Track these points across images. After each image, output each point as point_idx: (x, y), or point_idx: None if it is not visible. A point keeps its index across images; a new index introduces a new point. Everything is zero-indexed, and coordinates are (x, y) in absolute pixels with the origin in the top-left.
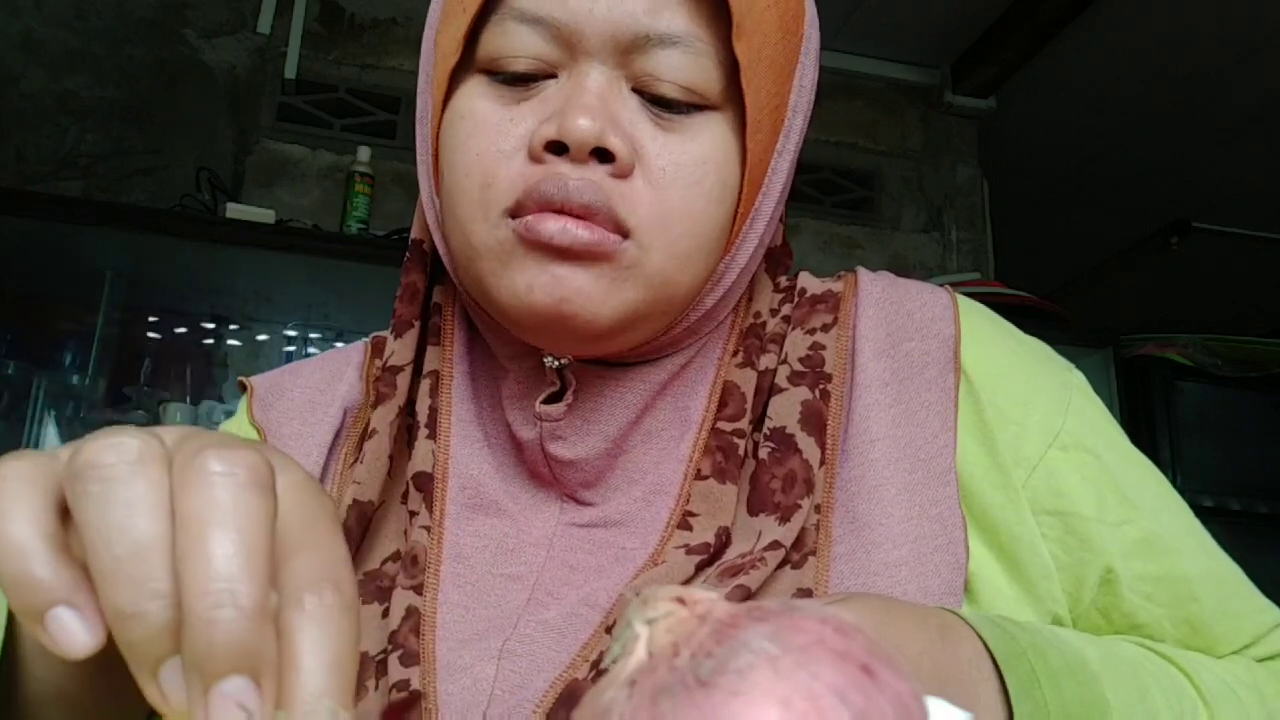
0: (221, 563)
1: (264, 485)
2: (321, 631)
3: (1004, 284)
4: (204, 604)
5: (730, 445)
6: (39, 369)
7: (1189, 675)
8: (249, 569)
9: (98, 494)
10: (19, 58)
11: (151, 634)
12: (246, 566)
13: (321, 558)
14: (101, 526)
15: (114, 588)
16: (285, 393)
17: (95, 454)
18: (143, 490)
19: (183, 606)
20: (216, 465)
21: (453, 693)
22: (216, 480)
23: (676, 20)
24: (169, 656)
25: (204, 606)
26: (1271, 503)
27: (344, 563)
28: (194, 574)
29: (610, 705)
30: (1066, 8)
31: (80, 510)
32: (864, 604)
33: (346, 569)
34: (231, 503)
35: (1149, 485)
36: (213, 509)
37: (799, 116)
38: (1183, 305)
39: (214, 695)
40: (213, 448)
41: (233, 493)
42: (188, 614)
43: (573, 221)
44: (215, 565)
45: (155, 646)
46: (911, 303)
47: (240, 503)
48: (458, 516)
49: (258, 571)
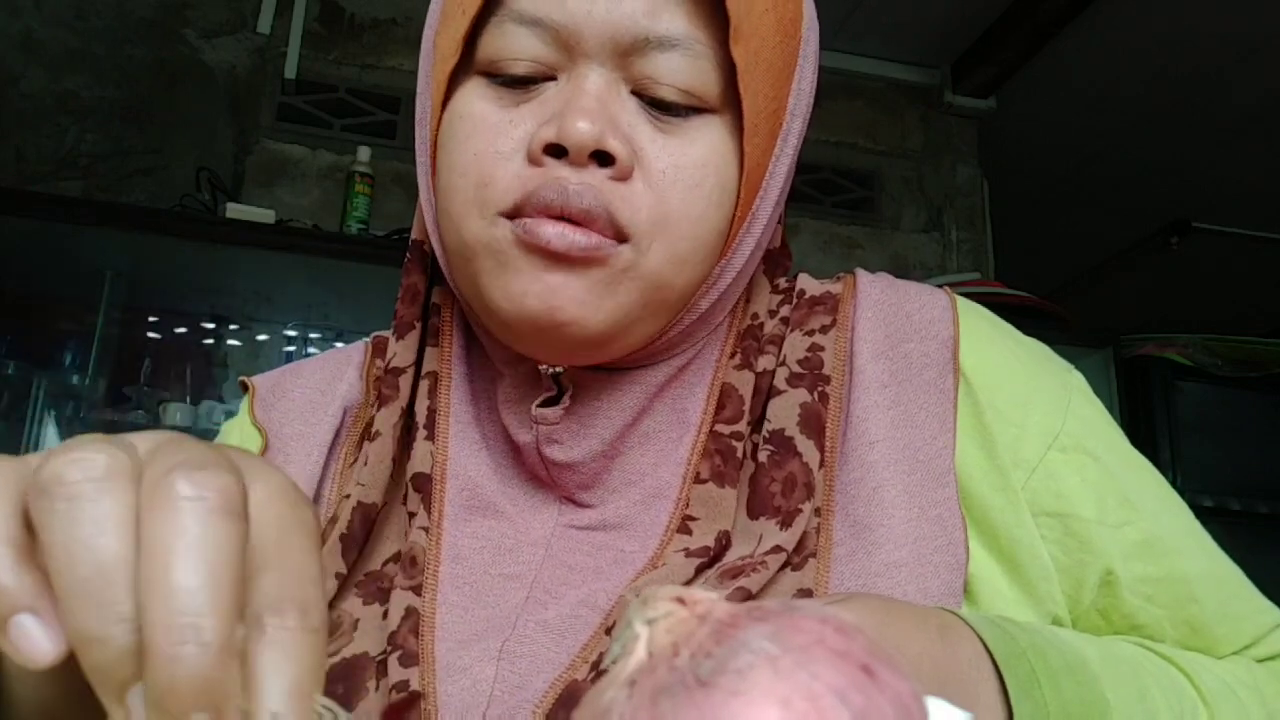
0: (186, 596)
1: (234, 511)
2: (282, 656)
3: (1004, 284)
4: (167, 639)
5: (729, 448)
6: (39, 369)
7: (1189, 675)
8: (214, 603)
9: (63, 512)
10: (19, 58)
11: (115, 658)
12: (212, 600)
13: (288, 577)
14: (66, 545)
15: (78, 609)
16: (287, 393)
17: (61, 469)
18: (109, 509)
19: (145, 638)
20: (186, 489)
21: (452, 693)
22: (184, 506)
23: (675, 23)
24: (134, 681)
25: (167, 642)
26: (1271, 503)
27: (313, 582)
28: (157, 606)
29: (610, 705)
30: (1066, 8)
31: (44, 528)
32: (864, 604)
33: (315, 588)
34: (199, 531)
35: (1149, 487)
36: (179, 537)
37: (797, 120)
38: (1183, 305)
39: None
40: (183, 469)
41: (200, 520)
42: (150, 647)
43: (570, 227)
44: (180, 598)
45: (119, 671)
46: (910, 304)
47: (208, 531)
48: (456, 518)
49: (223, 605)
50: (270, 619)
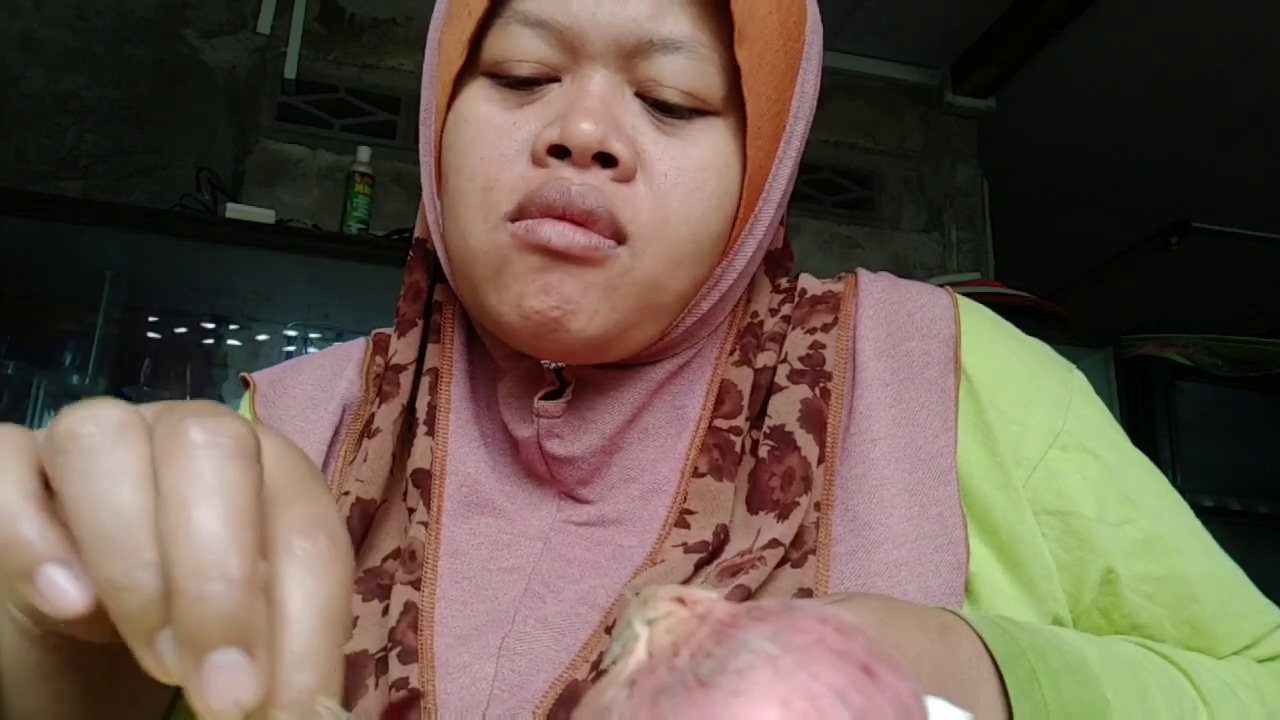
0: (208, 537)
1: (248, 453)
2: (313, 577)
3: (1004, 284)
4: (193, 579)
5: (727, 443)
6: (39, 369)
7: (1189, 675)
8: (236, 541)
9: (79, 465)
10: (19, 58)
11: (144, 604)
12: (234, 538)
13: (313, 509)
14: (85, 499)
15: (102, 560)
16: (287, 390)
17: (74, 425)
18: (125, 460)
19: (171, 581)
20: (199, 435)
21: (452, 691)
22: (199, 451)
23: (680, 25)
24: (163, 626)
25: (193, 581)
26: (1271, 503)
27: (335, 515)
28: (181, 548)
29: (610, 705)
30: (1066, 8)
31: (63, 483)
32: (864, 604)
33: (338, 521)
34: (215, 473)
35: (1149, 486)
36: (197, 480)
37: (800, 123)
38: (1183, 305)
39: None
40: (195, 416)
41: (216, 463)
42: (177, 589)
43: (571, 226)
44: (202, 539)
45: (149, 616)
46: (912, 303)
47: (225, 473)
48: (455, 514)
49: (245, 542)
50: (300, 541)
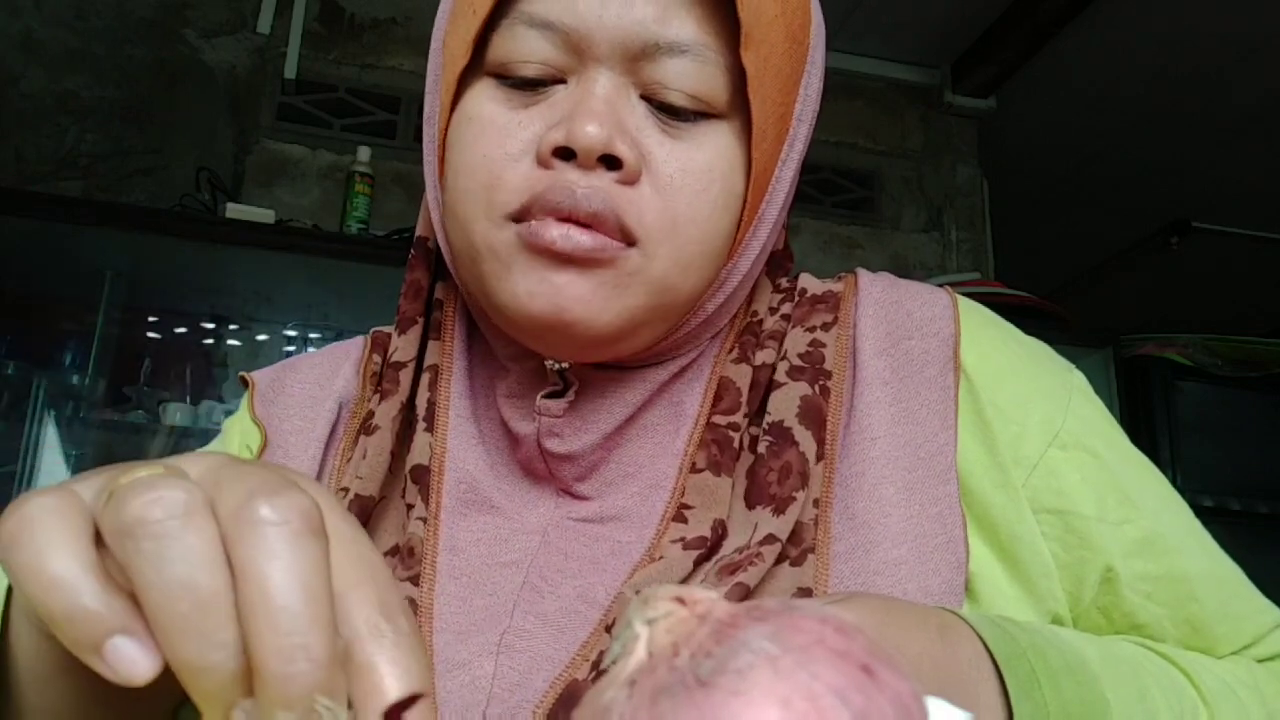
0: (290, 618)
1: (317, 530)
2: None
3: (1004, 284)
4: (278, 660)
5: (725, 438)
6: (39, 369)
7: (1189, 675)
8: (316, 620)
9: (151, 551)
10: (19, 58)
11: (222, 683)
12: (314, 618)
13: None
14: (161, 585)
15: (180, 643)
16: (285, 388)
17: (142, 510)
18: (196, 544)
19: (255, 661)
20: (270, 514)
21: (451, 690)
22: (271, 531)
23: (686, 28)
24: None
25: (279, 663)
26: (1271, 503)
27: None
28: (263, 630)
29: (610, 705)
30: (1066, 8)
31: (135, 570)
32: (864, 604)
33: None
34: (290, 553)
35: (1149, 485)
36: (272, 560)
37: (804, 126)
38: (1183, 305)
39: None
40: (261, 494)
41: (289, 542)
42: (262, 670)
43: (575, 228)
44: (284, 620)
45: (226, 694)
46: (911, 302)
47: (298, 552)
48: (453, 510)
49: (324, 620)
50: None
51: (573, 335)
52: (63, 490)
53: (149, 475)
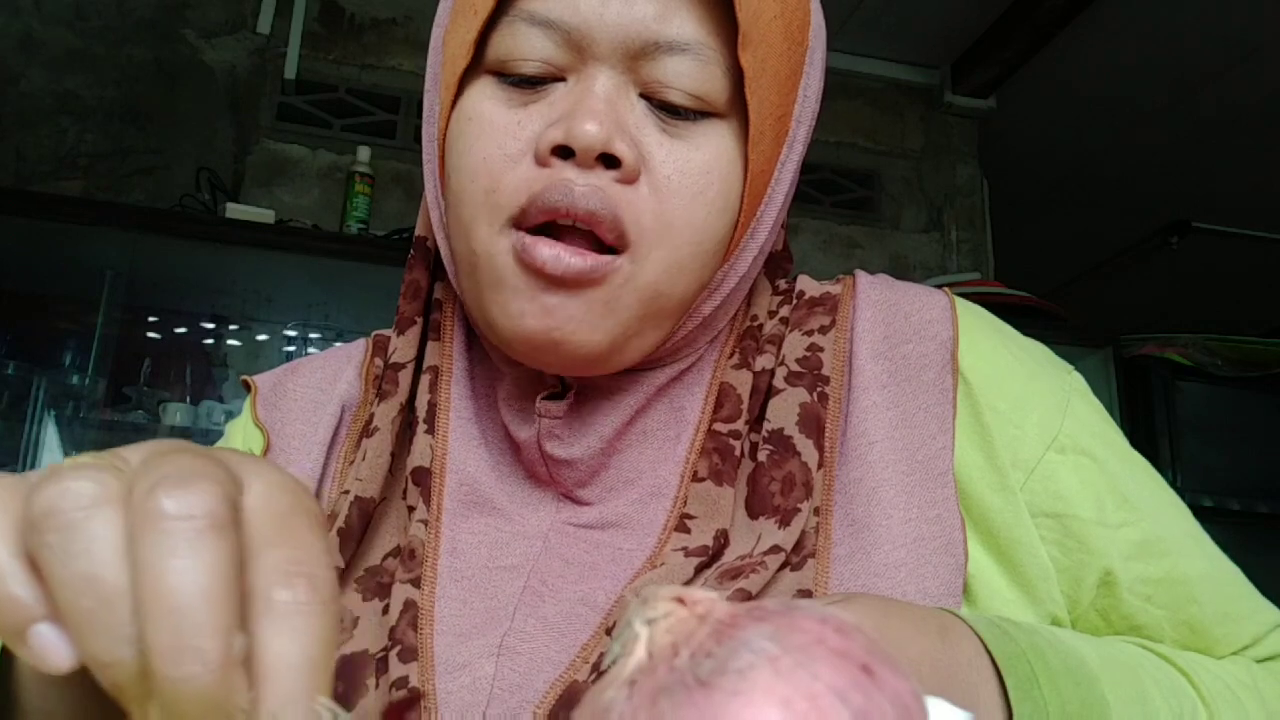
0: (183, 619)
1: (221, 526)
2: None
3: (1004, 284)
4: (169, 663)
5: (726, 447)
6: (39, 369)
7: (1188, 676)
8: (212, 622)
9: (56, 544)
10: (19, 58)
11: (129, 678)
12: (209, 620)
13: (293, 553)
14: (65, 577)
15: (86, 637)
16: (288, 392)
17: (50, 501)
18: (100, 535)
19: (150, 663)
20: (170, 507)
21: (452, 691)
22: (171, 527)
23: (686, 27)
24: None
25: (170, 666)
26: (1271, 503)
27: (320, 557)
28: (157, 631)
29: (610, 705)
30: (1066, 8)
31: (42, 561)
32: (864, 604)
33: (323, 565)
34: (189, 551)
35: (1148, 487)
36: (168, 559)
37: (803, 127)
38: (1183, 305)
39: None
40: (165, 486)
41: (189, 540)
42: (155, 672)
43: (565, 249)
44: (177, 622)
45: (134, 688)
46: (909, 305)
47: (198, 550)
48: (455, 513)
49: (220, 621)
50: (280, 593)
51: (564, 355)
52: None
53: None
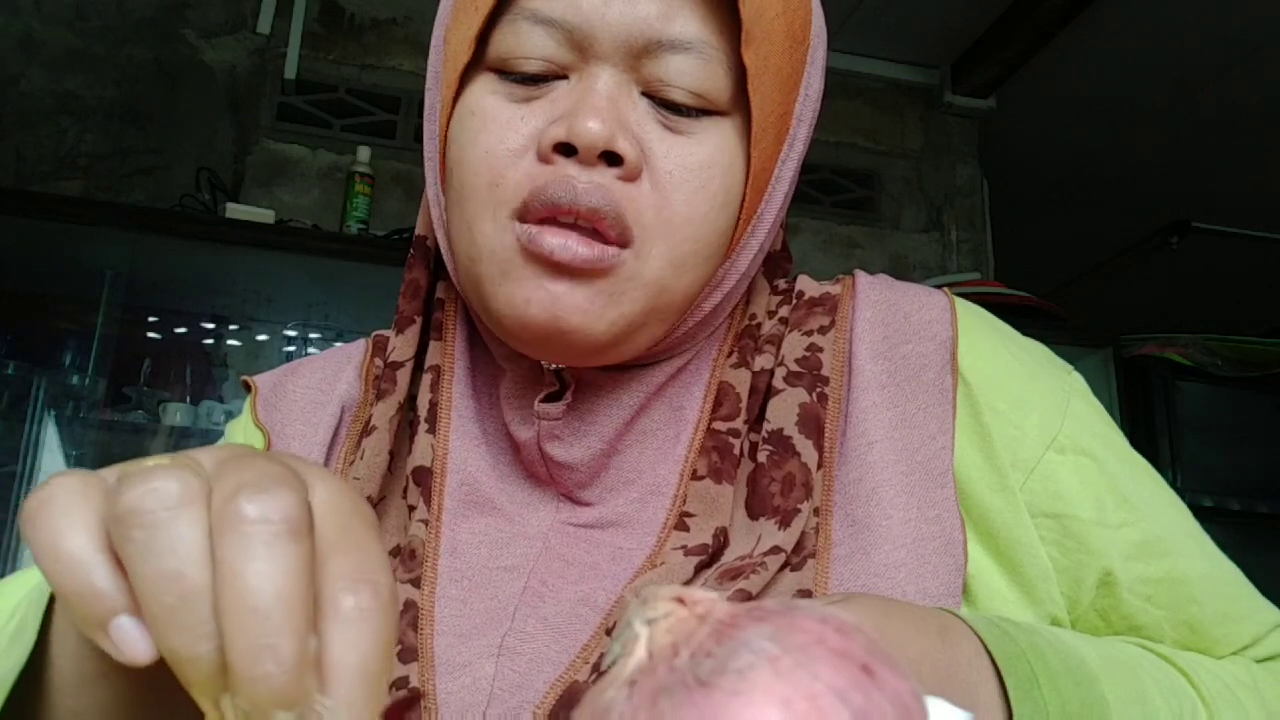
0: (261, 620)
1: (298, 531)
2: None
3: (1004, 284)
4: (248, 661)
5: (725, 445)
6: (39, 369)
7: (1188, 676)
8: (287, 622)
9: (142, 540)
10: (19, 58)
11: (207, 673)
12: (285, 621)
13: (357, 559)
14: (148, 575)
15: (167, 632)
16: (288, 393)
17: (137, 500)
18: (185, 536)
19: (228, 660)
20: (251, 511)
21: (452, 691)
22: (250, 530)
23: (689, 26)
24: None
25: (248, 664)
26: (1271, 503)
27: (381, 563)
28: (236, 631)
29: (610, 705)
30: (1066, 8)
31: (127, 557)
32: (864, 604)
33: (384, 571)
34: (267, 554)
35: (1148, 487)
36: (248, 561)
37: (803, 126)
38: (1183, 305)
39: None
40: (247, 492)
41: (268, 544)
42: (233, 669)
43: (575, 238)
44: (255, 623)
45: (211, 684)
46: (909, 305)
47: (276, 554)
48: (455, 512)
49: (296, 623)
50: (346, 599)
51: (569, 343)
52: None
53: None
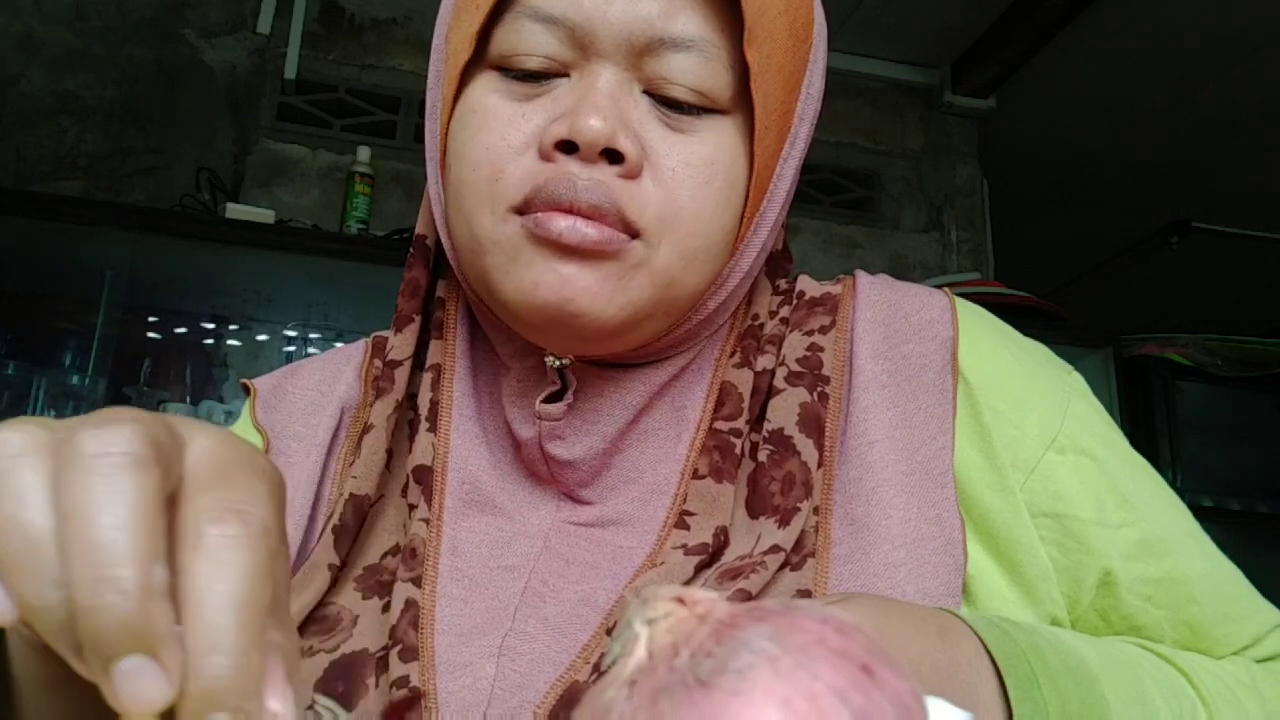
0: (101, 549)
1: (140, 460)
2: (218, 562)
3: (1004, 284)
4: (88, 593)
5: (727, 444)
6: (39, 369)
7: (1188, 676)
8: (130, 550)
9: None
10: (19, 58)
11: (59, 622)
12: (126, 548)
13: (225, 493)
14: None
15: (17, 582)
16: (287, 394)
17: None
18: (27, 481)
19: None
20: (90, 446)
21: (453, 690)
22: (90, 463)
23: (691, 24)
24: None
25: (89, 596)
26: (1271, 503)
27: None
28: (77, 564)
29: (610, 705)
30: (1066, 8)
31: None
32: (863, 604)
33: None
34: (106, 485)
35: (1147, 487)
36: (88, 494)
37: (805, 124)
38: (1183, 305)
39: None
40: (88, 428)
41: (106, 474)
42: (76, 604)
43: (581, 220)
44: (95, 553)
45: (67, 632)
46: (909, 305)
47: (116, 483)
48: (456, 511)
49: (139, 550)
50: (208, 529)
51: (578, 327)
52: None
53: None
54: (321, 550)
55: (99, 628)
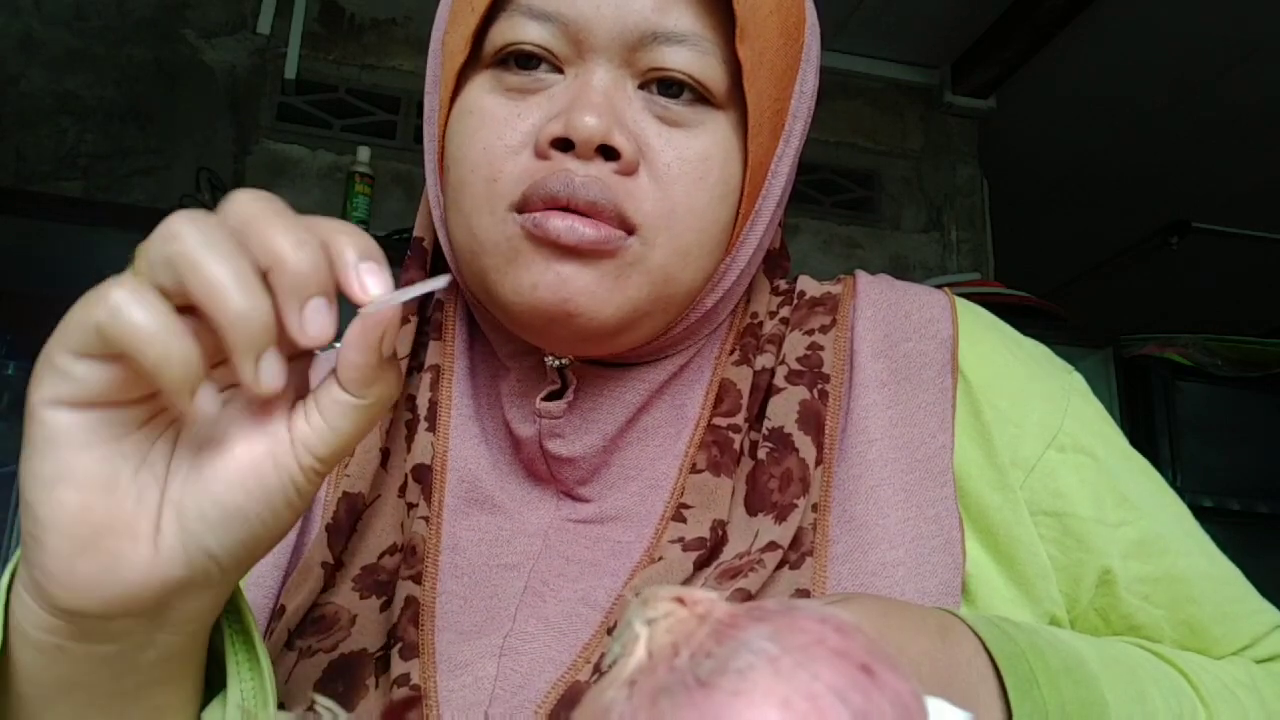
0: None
1: (274, 197)
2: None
3: (1004, 284)
4: (290, 255)
5: (725, 440)
6: None
7: (1187, 676)
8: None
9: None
10: (19, 58)
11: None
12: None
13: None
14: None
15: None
16: None
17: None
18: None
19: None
20: (241, 194)
21: (454, 689)
22: (246, 196)
23: (684, 19)
24: (271, 344)
25: (292, 258)
26: (1271, 503)
27: None
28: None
29: (610, 705)
30: (1066, 8)
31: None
32: (863, 604)
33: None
34: (266, 204)
35: (1147, 487)
36: (262, 214)
37: (799, 122)
38: (1183, 305)
39: (308, 310)
40: (229, 203)
41: (261, 198)
42: (279, 268)
43: (579, 220)
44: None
45: (267, 334)
46: (909, 304)
47: (272, 202)
48: (455, 509)
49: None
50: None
51: (577, 327)
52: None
53: None
54: (315, 548)
55: (300, 270)
